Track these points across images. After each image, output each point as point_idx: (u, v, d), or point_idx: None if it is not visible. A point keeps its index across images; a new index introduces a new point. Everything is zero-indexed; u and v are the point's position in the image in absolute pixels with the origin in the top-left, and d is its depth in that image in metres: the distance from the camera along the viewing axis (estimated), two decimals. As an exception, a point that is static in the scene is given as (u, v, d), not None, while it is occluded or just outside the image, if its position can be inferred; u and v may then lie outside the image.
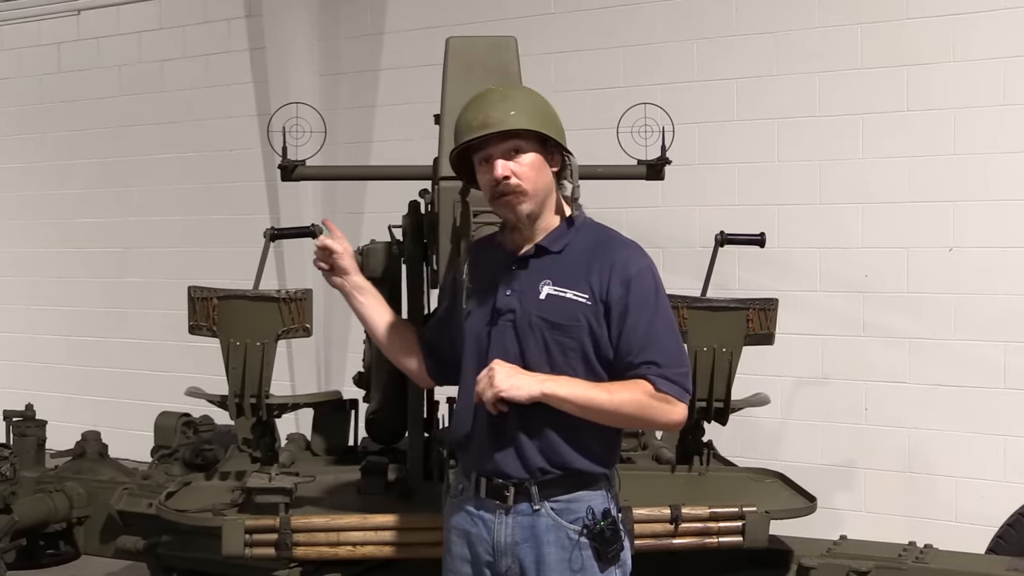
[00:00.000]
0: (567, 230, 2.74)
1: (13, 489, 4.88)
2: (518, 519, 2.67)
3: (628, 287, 2.65)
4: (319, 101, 6.72)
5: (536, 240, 2.73)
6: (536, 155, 2.67)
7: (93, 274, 9.07)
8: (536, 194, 2.67)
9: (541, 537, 2.65)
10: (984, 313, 5.91)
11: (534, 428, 2.64)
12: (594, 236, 2.76)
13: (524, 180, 2.64)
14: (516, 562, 2.67)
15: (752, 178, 6.49)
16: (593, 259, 2.68)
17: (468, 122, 2.66)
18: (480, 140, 2.64)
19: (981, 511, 5.59)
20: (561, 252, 2.71)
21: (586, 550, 2.65)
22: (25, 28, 9.41)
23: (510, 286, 2.71)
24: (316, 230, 4.41)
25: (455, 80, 3.93)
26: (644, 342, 2.63)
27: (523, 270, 2.72)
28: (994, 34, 5.86)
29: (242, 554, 3.59)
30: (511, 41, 4.08)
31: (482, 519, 2.71)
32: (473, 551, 2.74)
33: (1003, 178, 5.87)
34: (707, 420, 4.13)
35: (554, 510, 2.66)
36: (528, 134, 2.65)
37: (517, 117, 2.62)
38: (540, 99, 2.74)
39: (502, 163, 2.64)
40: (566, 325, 2.64)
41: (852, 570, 3.85)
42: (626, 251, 2.72)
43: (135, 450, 6.33)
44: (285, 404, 4.19)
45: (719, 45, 6.58)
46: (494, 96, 2.70)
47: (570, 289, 2.65)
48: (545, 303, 2.66)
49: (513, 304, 2.68)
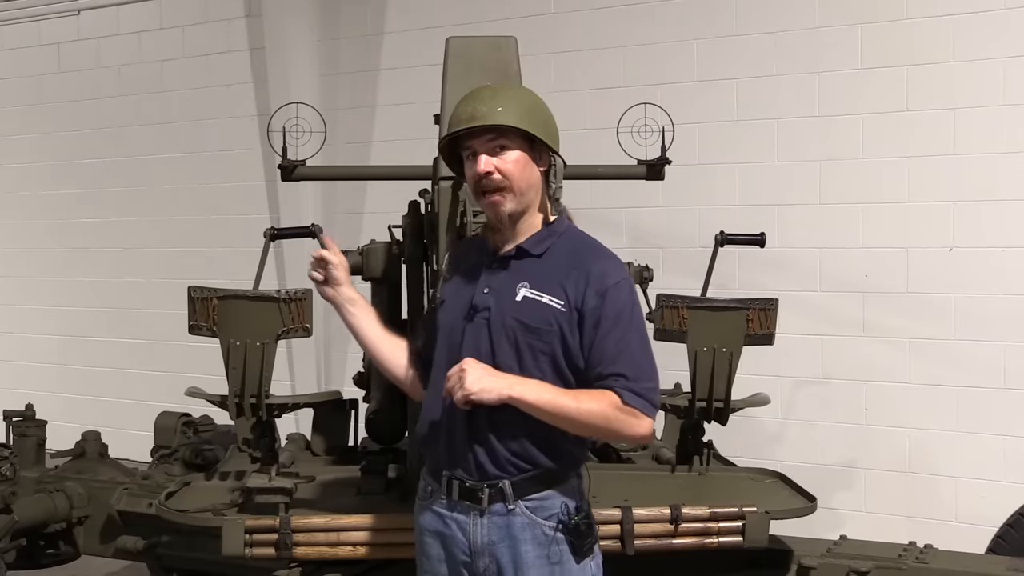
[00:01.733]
0: (549, 234, 2.75)
1: (13, 489, 4.88)
2: (493, 519, 2.69)
3: (604, 298, 2.65)
4: (319, 101, 6.72)
5: (518, 241, 2.74)
6: (521, 153, 2.68)
7: (93, 274, 9.07)
8: (519, 192, 2.67)
9: (517, 536, 2.68)
10: (984, 313, 5.91)
11: (507, 428, 2.66)
12: (575, 243, 2.77)
13: (508, 176, 2.66)
14: (494, 561, 2.70)
15: (752, 178, 6.49)
16: (571, 266, 2.69)
17: (458, 115, 2.70)
18: (467, 133, 2.67)
19: (981, 511, 5.59)
20: (541, 256, 2.72)
21: (562, 544, 2.70)
22: (25, 28, 9.41)
23: (488, 284, 2.73)
24: (316, 230, 4.42)
25: (455, 80, 3.93)
26: (615, 354, 2.64)
27: (503, 270, 2.73)
28: (994, 34, 5.86)
29: (242, 554, 3.59)
30: (511, 41, 4.08)
31: (455, 521, 2.73)
32: (449, 552, 2.75)
33: (1003, 178, 5.87)
34: (707, 420, 4.13)
35: (528, 508, 2.68)
36: (515, 133, 2.66)
37: (504, 114, 2.64)
38: (534, 99, 2.75)
39: (485, 158, 2.66)
40: (539, 329, 2.65)
41: (852, 570, 3.85)
42: (604, 263, 2.73)
43: (135, 450, 6.33)
44: (285, 404, 4.19)
45: (719, 45, 6.58)
46: (486, 92, 2.74)
47: (546, 294, 2.67)
48: (521, 305, 2.67)
49: (489, 302, 2.70)
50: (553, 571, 2.69)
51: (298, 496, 3.76)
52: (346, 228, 7.43)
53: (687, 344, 3.99)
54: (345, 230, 7.36)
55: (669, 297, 4.01)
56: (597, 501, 3.69)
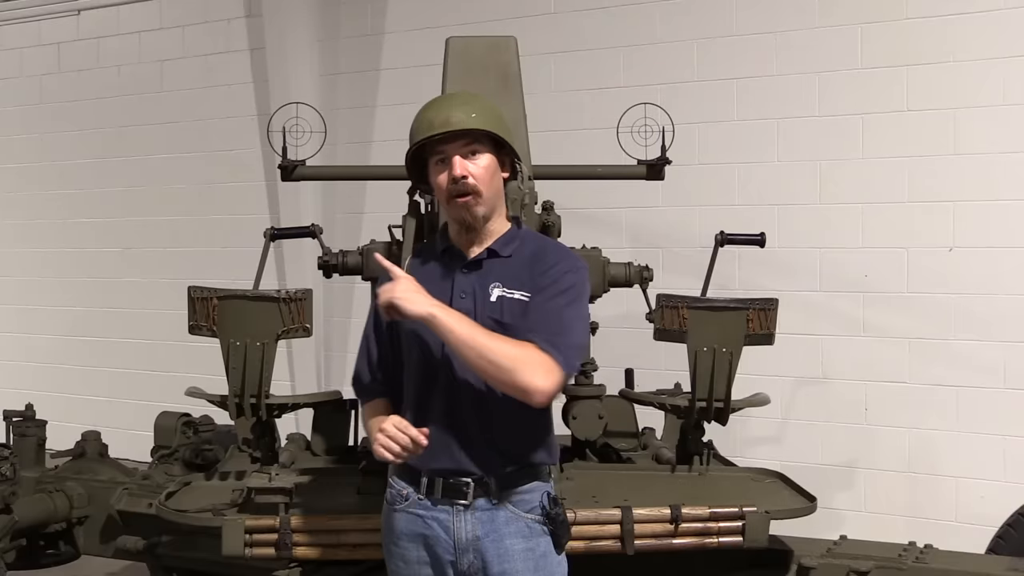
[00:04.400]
0: (514, 235, 2.83)
1: (13, 489, 4.87)
2: (477, 514, 2.72)
3: (555, 280, 2.71)
4: (319, 101, 6.72)
5: (486, 244, 2.80)
6: (491, 158, 2.76)
7: (93, 274, 9.07)
8: (489, 197, 2.75)
9: (502, 529, 2.72)
10: (984, 313, 5.91)
11: (489, 426, 2.70)
12: (537, 244, 2.87)
13: (479, 181, 2.72)
14: (479, 557, 2.72)
15: (752, 178, 6.49)
16: (534, 262, 2.77)
17: (429, 120, 2.74)
18: (439, 139, 2.71)
19: (981, 511, 5.59)
20: (510, 257, 2.79)
21: (544, 536, 2.76)
22: (25, 28, 9.42)
23: (463, 289, 2.77)
24: (316, 230, 4.42)
25: (455, 80, 3.93)
26: (553, 319, 2.66)
27: (475, 272, 2.78)
28: (994, 34, 5.86)
29: (242, 554, 3.59)
30: (511, 41, 4.08)
31: (437, 520, 2.74)
32: (432, 552, 2.76)
33: (1003, 178, 5.87)
34: (707, 420, 4.13)
35: (511, 502, 2.74)
36: (484, 139, 2.74)
37: (478, 119, 2.72)
38: (496, 107, 2.84)
39: (460, 161, 2.71)
40: (512, 324, 2.70)
41: (852, 570, 3.85)
42: (565, 258, 2.81)
43: (135, 450, 6.32)
44: (285, 404, 4.19)
45: (719, 45, 6.58)
46: (456, 99, 2.86)
47: (517, 291, 2.73)
48: (495, 305, 2.73)
49: (468, 307, 2.73)
50: (538, 563, 2.74)
51: (298, 496, 3.76)
52: (346, 228, 7.43)
53: (687, 344, 3.99)
54: (345, 230, 7.36)
55: (669, 297, 4.01)
56: (597, 501, 3.70)
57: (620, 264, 4.29)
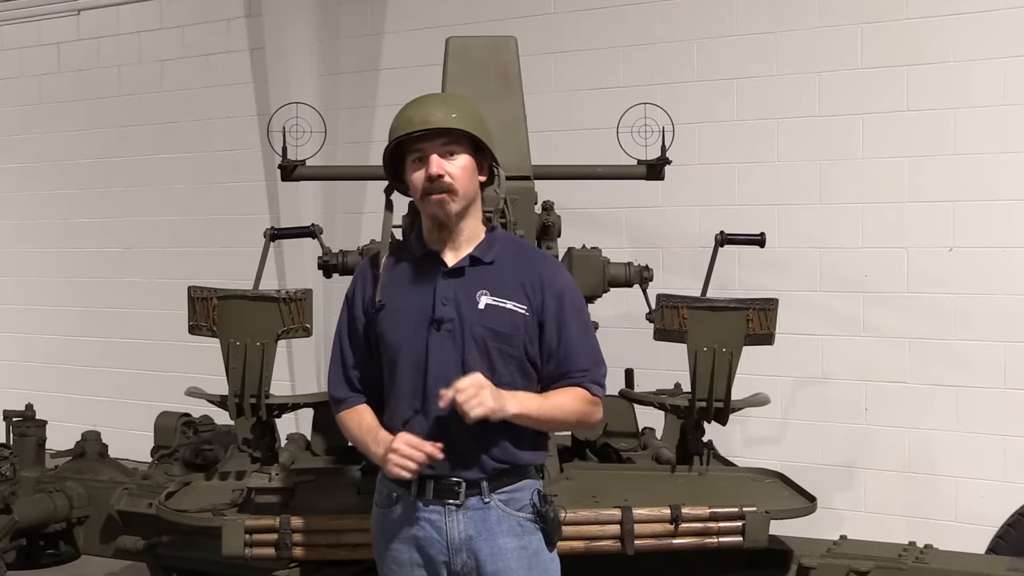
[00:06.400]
0: (494, 239, 2.84)
1: (13, 489, 4.87)
2: (469, 514, 2.74)
3: (561, 301, 2.81)
4: (319, 101, 6.71)
5: (465, 250, 2.80)
6: (469, 159, 2.77)
7: (93, 274, 9.07)
8: (464, 197, 2.76)
9: (494, 528, 2.74)
10: (984, 313, 5.91)
11: (478, 427, 2.68)
12: (515, 247, 2.89)
13: (456, 181, 2.73)
14: (472, 556, 2.73)
15: (752, 178, 6.49)
16: (520, 271, 2.80)
17: (409, 118, 2.74)
18: (418, 137, 2.71)
19: (981, 511, 5.59)
20: (493, 263, 2.80)
21: (536, 534, 2.79)
22: (25, 28, 9.41)
23: (445, 295, 2.76)
24: (316, 230, 4.42)
25: (455, 80, 3.93)
26: (582, 350, 2.83)
27: (457, 279, 2.78)
28: (994, 34, 5.86)
29: (242, 554, 3.59)
30: (511, 41, 4.09)
31: (429, 521, 2.75)
32: (424, 554, 2.76)
33: (1003, 178, 5.87)
34: (707, 420, 4.12)
35: (502, 501, 2.76)
36: (463, 140, 2.75)
37: (458, 119, 2.73)
38: (478, 110, 2.85)
39: (437, 160, 2.72)
40: (508, 334, 2.74)
41: (852, 570, 3.85)
42: (551, 266, 2.90)
43: (135, 450, 6.33)
44: (285, 404, 4.18)
45: (719, 45, 6.58)
46: (436, 99, 2.88)
47: (509, 300, 2.76)
48: (486, 313, 2.74)
49: (451, 314, 2.74)
50: (531, 561, 2.76)
51: (298, 496, 3.76)
52: (346, 228, 7.43)
53: (687, 344, 3.98)
54: (345, 230, 7.36)
55: (669, 297, 4.01)
56: (597, 501, 3.70)
57: (620, 264, 4.29)
